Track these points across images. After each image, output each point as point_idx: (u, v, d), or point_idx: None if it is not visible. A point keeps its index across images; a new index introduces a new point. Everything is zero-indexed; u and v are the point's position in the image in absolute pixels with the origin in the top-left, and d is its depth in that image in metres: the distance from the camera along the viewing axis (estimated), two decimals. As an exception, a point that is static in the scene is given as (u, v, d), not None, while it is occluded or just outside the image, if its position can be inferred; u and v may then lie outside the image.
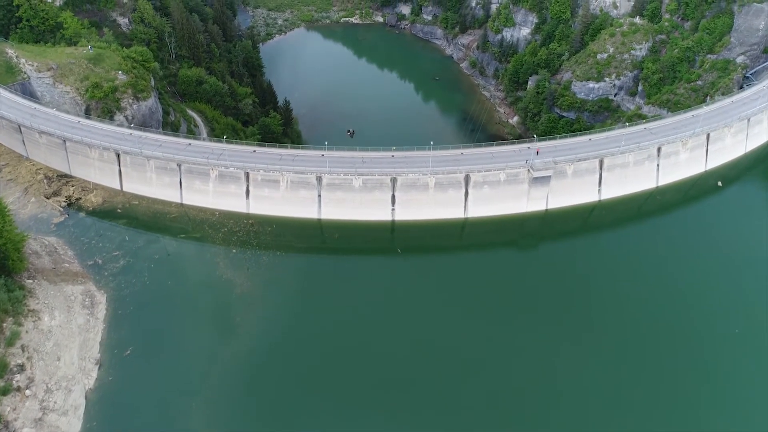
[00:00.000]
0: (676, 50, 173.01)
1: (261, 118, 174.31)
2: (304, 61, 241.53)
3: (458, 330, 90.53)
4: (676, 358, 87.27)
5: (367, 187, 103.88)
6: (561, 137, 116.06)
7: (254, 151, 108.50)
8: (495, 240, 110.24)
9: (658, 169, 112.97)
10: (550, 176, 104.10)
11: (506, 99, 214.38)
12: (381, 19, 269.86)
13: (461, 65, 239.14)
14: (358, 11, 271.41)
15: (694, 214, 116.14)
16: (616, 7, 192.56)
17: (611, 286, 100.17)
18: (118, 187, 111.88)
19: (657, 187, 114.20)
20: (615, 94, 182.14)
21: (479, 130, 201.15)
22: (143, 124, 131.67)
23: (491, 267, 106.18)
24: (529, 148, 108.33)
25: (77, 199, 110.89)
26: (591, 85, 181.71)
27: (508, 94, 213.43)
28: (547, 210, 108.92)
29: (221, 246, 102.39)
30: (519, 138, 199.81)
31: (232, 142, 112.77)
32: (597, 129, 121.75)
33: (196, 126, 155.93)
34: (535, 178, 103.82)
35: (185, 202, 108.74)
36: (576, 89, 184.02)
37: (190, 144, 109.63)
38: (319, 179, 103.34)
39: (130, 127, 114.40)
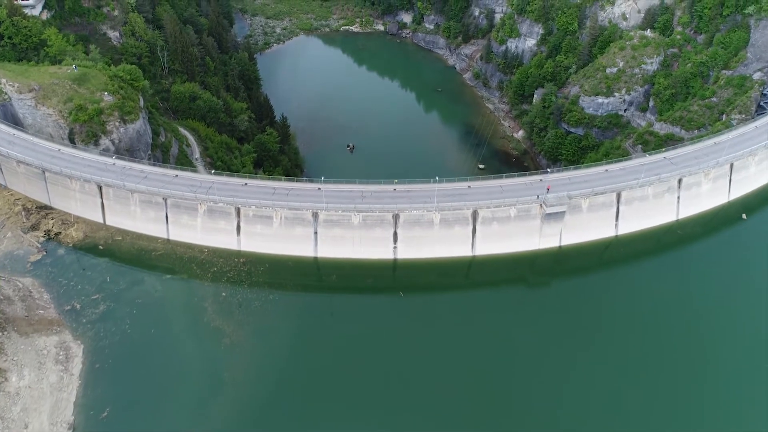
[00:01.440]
0: (689, 65, 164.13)
1: (257, 135, 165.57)
2: (303, 71, 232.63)
3: (466, 375, 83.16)
4: (701, 400, 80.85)
5: (367, 224, 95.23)
6: (575, 168, 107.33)
7: (245, 184, 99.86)
8: (504, 277, 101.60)
9: (678, 202, 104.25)
10: (564, 212, 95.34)
11: (511, 112, 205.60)
12: (382, 28, 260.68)
13: (464, 76, 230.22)
14: (358, 19, 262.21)
15: (716, 247, 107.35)
16: (625, 18, 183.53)
17: (629, 324, 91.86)
18: (101, 221, 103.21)
19: (677, 220, 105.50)
20: (625, 110, 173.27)
21: (483, 145, 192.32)
22: (130, 148, 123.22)
23: (500, 306, 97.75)
24: (541, 180, 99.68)
25: (57, 234, 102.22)
26: (600, 100, 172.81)
27: (512, 107, 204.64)
28: (560, 247, 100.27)
29: (210, 288, 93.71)
30: (524, 153, 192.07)
31: (221, 174, 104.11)
32: (613, 159, 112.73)
33: (188, 145, 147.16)
34: (548, 214, 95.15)
35: (172, 237, 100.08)
36: (584, 104, 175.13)
37: (177, 176, 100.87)
38: (315, 215, 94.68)
39: (113, 157, 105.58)
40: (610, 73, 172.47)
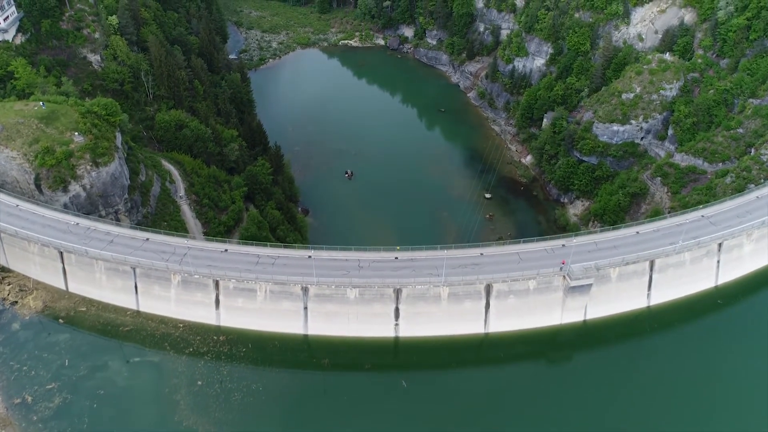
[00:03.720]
0: (712, 91, 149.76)
1: (248, 166, 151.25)
2: (299, 89, 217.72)
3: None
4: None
5: (364, 299, 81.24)
6: (602, 231, 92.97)
7: (225, 250, 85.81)
8: (520, 352, 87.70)
9: (718, 266, 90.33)
10: (591, 284, 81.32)
11: (518, 135, 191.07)
12: (382, 42, 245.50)
13: (468, 95, 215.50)
14: (357, 33, 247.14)
15: (760, 313, 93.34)
16: (641, 39, 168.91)
17: (661, 402, 79.69)
18: (63, 287, 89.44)
19: (716, 286, 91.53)
20: (642, 138, 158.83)
21: (490, 172, 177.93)
22: (104, 194, 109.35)
23: (515, 385, 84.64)
24: (563, 246, 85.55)
25: (13, 303, 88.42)
26: (615, 127, 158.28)
27: (520, 131, 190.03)
28: (585, 321, 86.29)
29: (184, 374, 79.96)
30: (533, 181, 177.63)
31: (198, 240, 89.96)
32: (645, 220, 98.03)
33: (172, 182, 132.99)
34: (573, 287, 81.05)
35: (142, 309, 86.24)
36: (598, 131, 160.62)
37: (147, 239, 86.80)
38: (305, 290, 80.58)
39: (76, 215, 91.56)
40: (626, 99, 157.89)
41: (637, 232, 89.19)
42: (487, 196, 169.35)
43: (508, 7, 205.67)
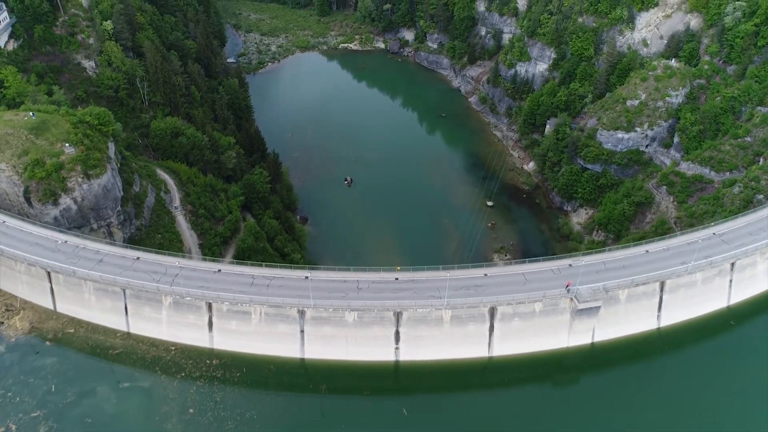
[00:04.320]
0: (719, 98, 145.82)
1: (246, 175, 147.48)
2: (298, 93, 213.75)
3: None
4: None
5: (363, 322, 77.54)
6: (610, 250, 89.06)
7: (219, 270, 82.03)
8: (525, 375, 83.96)
9: (730, 285, 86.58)
10: (599, 306, 77.58)
11: (520, 141, 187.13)
12: (382, 45, 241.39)
13: (470, 99, 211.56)
14: (357, 36, 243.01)
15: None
16: (646, 45, 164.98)
17: (671, 427, 76.78)
18: (51, 307, 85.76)
19: (728, 306, 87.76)
20: (647, 146, 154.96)
21: (493, 180, 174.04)
22: (96, 207, 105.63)
23: (520, 409, 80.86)
24: (570, 265, 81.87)
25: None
26: (620, 135, 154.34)
27: (522, 136, 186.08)
28: (593, 343, 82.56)
29: (175, 401, 76.19)
30: (536, 188, 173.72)
31: (191, 259, 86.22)
32: (655, 238, 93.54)
33: (167, 192, 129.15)
34: (581, 310, 77.31)
35: (133, 331, 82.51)
36: (602, 139, 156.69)
37: (138, 258, 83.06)
38: (301, 313, 76.86)
39: (65, 232, 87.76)
40: (631, 106, 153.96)
41: (647, 251, 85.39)
42: (489, 203, 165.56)
43: (509, 11, 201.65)
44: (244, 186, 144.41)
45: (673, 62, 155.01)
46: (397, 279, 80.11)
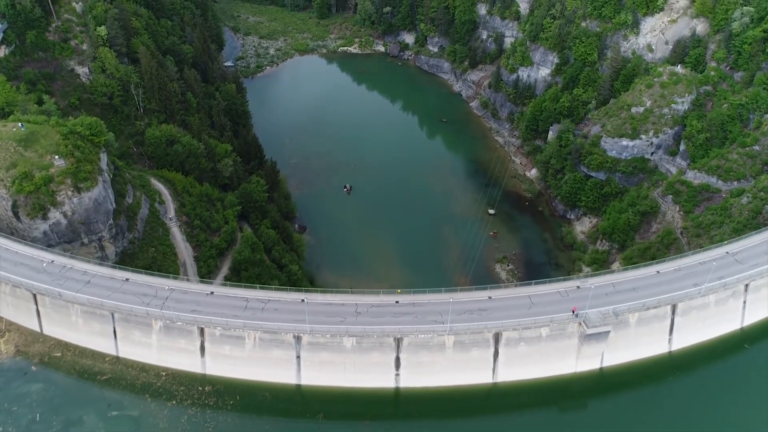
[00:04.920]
0: (726, 105, 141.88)
1: (242, 184, 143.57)
2: (297, 97, 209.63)
3: None
4: None
5: (362, 348, 73.77)
6: (620, 271, 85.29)
7: (211, 293, 78.19)
8: (531, 401, 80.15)
9: (744, 307, 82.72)
10: (608, 331, 73.78)
11: (523, 147, 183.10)
12: (382, 49, 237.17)
13: (471, 104, 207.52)
14: (357, 39, 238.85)
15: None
16: (651, 50, 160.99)
17: None
18: (38, 329, 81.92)
19: (742, 328, 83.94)
20: (652, 153, 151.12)
21: (496, 188, 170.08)
22: (86, 221, 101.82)
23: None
24: (578, 287, 77.92)
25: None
26: (624, 142, 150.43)
27: (524, 142, 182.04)
28: (601, 369, 78.74)
29: (166, 430, 72.32)
30: (538, 195, 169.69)
31: (183, 280, 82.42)
32: (666, 258, 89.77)
33: (161, 202, 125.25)
34: (589, 335, 73.51)
35: (122, 355, 78.77)
36: (606, 146, 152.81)
37: (127, 279, 79.25)
38: (297, 338, 73.06)
39: (52, 252, 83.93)
40: (636, 113, 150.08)
41: (658, 272, 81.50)
42: (491, 212, 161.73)
43: (511, 15, 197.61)
44: (240, 195, 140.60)
45: (678, 68, 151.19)
46: (397, 302, 76.31)
